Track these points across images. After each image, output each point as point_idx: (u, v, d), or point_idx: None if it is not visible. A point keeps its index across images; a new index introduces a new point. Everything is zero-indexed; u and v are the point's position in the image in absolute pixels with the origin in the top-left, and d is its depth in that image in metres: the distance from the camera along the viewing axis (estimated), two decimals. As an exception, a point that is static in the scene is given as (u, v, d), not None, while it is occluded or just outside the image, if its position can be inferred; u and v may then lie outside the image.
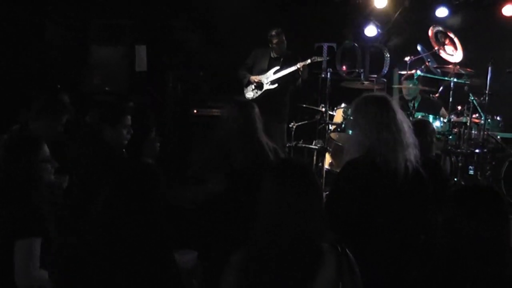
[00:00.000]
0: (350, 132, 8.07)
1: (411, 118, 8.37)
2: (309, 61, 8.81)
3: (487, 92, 8.09)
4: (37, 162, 3.81)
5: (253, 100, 8.93)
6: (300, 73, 8.84)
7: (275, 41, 9.04)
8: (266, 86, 9.04)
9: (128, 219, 2.83)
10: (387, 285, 3.77)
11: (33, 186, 3.71)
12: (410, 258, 3.88)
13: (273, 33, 9.03)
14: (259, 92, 9.08)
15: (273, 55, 9.14)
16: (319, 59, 8.96)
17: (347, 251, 2.89)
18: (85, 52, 9.63)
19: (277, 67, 8.99)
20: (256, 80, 9.09)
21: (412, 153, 3.96)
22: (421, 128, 5.53)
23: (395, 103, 4.09)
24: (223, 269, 2.95)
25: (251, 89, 9.19)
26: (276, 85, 8.98)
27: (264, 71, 9.13)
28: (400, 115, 4.03)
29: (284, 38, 9.08)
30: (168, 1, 10.74)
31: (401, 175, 3.87)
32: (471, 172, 8.47)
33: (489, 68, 7.98)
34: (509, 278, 2.60)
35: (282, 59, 9.07)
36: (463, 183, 7.91)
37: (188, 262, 3.84)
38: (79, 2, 9.83)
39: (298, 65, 8.78)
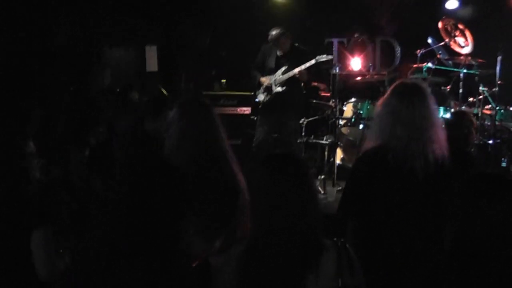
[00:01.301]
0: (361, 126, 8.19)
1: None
2: (307, 65, 8.64)
3: (498, 82, 8.01)
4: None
5: (265, 102, 8.99)
6: (298, 77, 8.78)
7: (278, 43, 8.92)
8: (275, 89, 9.01)
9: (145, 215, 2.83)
10: (402, 280, 3.74)
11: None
12: (430, 254, 3.84)
13: (274, 35, 8.88)
14: (269, 96, 9.07)
15: (279, 53, 9.02)
16: (323, 59, 8.67)
17: (348, 246, 2.88)
18: (97, 53, 9.66)
19: (285, 67, 8.89)
20: (266, 84, 9.07)
21: (435, 149, 3.84)
22: (456, 120, 5.52)
23: (424, 95, 3.94)
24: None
25: (262, 92, 9.19)
26: (284, 87, 8.91)
27: (272, 70, 9.07)
28: (426, 110, 3.88)
29: (286, 37, 8.92)
30: (177, 1, 10.76)
31: (419, 173, 3.78)
32: (504, 164, 8.36)
33: (498, 59, 7.92)
34: None
35: (289, 55, 8.97)
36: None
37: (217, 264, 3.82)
38: (89, 3, 9.87)
39: (296, 71, 8.70)
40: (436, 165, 3.81)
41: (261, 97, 9.20)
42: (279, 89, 8.97)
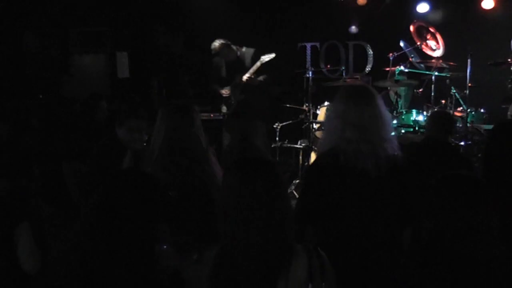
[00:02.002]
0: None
1: (395, 113, 8.40)
2: (254, 68, 8.81)
3: (468, 84, 8.07)
4: None
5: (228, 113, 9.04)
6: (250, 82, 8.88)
7: (221, 54, 9.11)
8: (235, 98, 9.13)
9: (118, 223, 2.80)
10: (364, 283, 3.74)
11: None
12: (391, 252, 3.86)
13: (214, 47, 9.06)
14: (231, 105, 9.17)
15: (227, 62, 9.20)
16: (267, 59, 8.82)
17: (320, 251, 2.85)
18: (66, 61, 9.58)
19: (237, 77, 9.01)
20: (225, 95, 9.21)
21: (386, 148, 3.84)
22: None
23: (371, 96, 3.96)
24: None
25: (224, 103, 9.32)
26: (242, 95, 9.04)
27: (225, 80, 9.24)
28: (375, 110, 3.89)
29: (227, 47, 9.06)
30: (148, 7, 10.73)
31: (371, 173, 3.78)
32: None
33: (469, 61, 7.98)
34: (497, 262, 2.60)
35: (237, 62, 9.12)
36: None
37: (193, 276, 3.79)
38: (57, 11, 9.80)
39: (243, 78, 8.87)
40: (388, 164, 3.82)
41: (224, 109, 9.31)
42: (238, 97, 9.09)
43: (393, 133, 4.07)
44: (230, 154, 8.62)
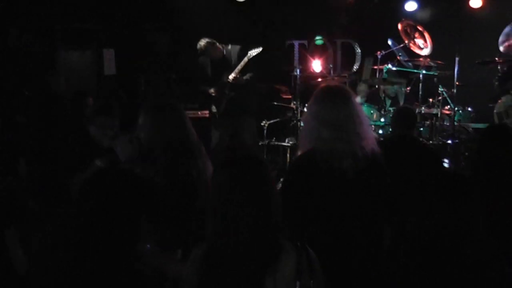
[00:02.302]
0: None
1: (383, 111, 8.40)
2: (242, 64, 8.85)
3: (456, 83, 8.08)
4: None
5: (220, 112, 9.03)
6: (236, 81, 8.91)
7: (207, 54, 9.13)
8: (224, 97, 9.13)
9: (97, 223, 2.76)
10: (349, 278, 3.73)
11: None
12: (372, 248, 3.85)
13: (201, 47, 9.08)
14: (222, 104, 9.17)
15: (212, 61, 9.22)
16: (254, 53, 8.84)
17: (309, 249, 2.84)
18: (52, 57, 9.53)
19: (226, 74, 9.02)
20: (214, 94, 9.20)
21: (363, 145, 3.85)
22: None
23: (346, 95, 3.95)
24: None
25: (214, 103, 9.30)
26: (232, 92, 9.07)
27: (211, 79, 9.24)
28: (350, 109, 3.89)
29: (213, 46, 9.08)
30: (135, 4, 10.69)
31: (349, 172, 3.80)
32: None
33: (456, 60, 8.00)
34: (485, 261, 2.59)
35: (223, 61, 9.14)
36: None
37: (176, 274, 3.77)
38: (44, 8, 9.74)
39: (230, 78, 8.90)
40: (366, 162, 3.83)
41: (213, 108, 9.31)
42: (227, 96, 9.10)
43: (371, 132, 4.06)
44: (219, 151, 8.68)
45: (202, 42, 9.03)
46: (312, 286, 2.75)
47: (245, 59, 8.80)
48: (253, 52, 8.82)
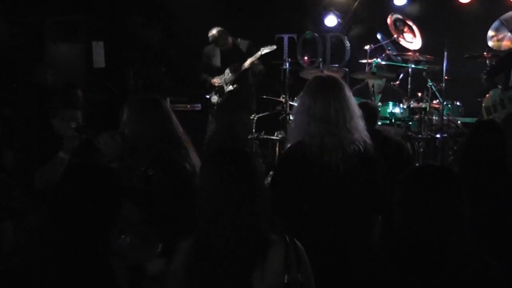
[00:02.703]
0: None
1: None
2: (259, 53, 8.88)
3: (444, 77, 8.10)
4: None
5: (220, 103, 9.00)
6: (251, 69, 8.97)
7: (219, 43, 9.16)
8: (227, 88, 9.16)
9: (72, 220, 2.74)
10: (338, 272, 3.73)
11: None
12: (361, 243, 3.86)
13: (213, 35, 9.08)
14: (222, 96, 9.18)
15: (223, 51, 9.25)
16: (267, 50, 8.89)
17: (297, 242, 2.85)
18: (41, 50, 9.48)
19: (232, 65, 9.09)
20: (216, 84, 9.17)
21: (354, 140, 3.86)
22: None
23: (339, 87, 3.94)
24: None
25: (214, 93, 9.30)
26: (235, 85, 9.11)
27: (219, 70, 9.26)
28: (341, 101, 3.88)
29: (226, 35, 9.11)
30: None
31: (339, 166, 3.79)
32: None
33: (445, 54, 8.00)
34: (470, 254, 2.60)
35: (233, 52, 9.18)
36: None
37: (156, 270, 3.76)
38: (33, 0, 9.70)
39: (246, 64, 8.90)
40: (357, 156, 3.83)
41: (214, 98, 9.30)
42: (230, 87, 9.11)
43: (363, 124, 4.03)
44: (212, 146, 8.68)
45: (214, 30, 9.05)
46: (300, 280, 2.76)
47: (258, 54, 8.84)
48: (266, 49, 8.86)
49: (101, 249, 2.77)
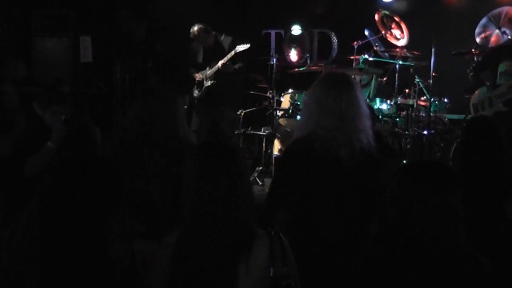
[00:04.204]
0: (298, 117, 8.21)
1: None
2: (228, 57, 8.90)
3: (432, 74, 8.11)
4: None
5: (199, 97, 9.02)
6: (223, 70, 8.99)
7: (199, 39, 9.22)
8: (206, 83, 9.23)
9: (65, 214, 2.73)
10: (335, 270, 3.73)
11: None
12: (360, 242, 3.86)
13: (193, 32, 9.12)
14: (201, 91, 9.23)
15: (204, 47, 9.31)
16: (241, 49, 8.88)
17: (282, 236, 2.85)
18: (27, 44, 9.43)
19: (213, 62, 9.13)
20: (197, 79, 9.29)
21: (361, 138, 3.87)
22: None
23: (351, 85, 3.97)
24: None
25: (196, 88, 9.40)
26: (213, 80, 9.16)
27: (201, 65, 9.35)
28: (353, 99, 3.90)
29: (206, 32, 9.12)
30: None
31: (344, 162, 3.80)
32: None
33: (433, 51, 8.01)
34: (462, 250, 2.60)
35: (215, 48, 9.20)
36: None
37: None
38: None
39: (219, 64, 8.95)
40: (363, 154, 3.85)
41: (195, 92, 9.40)
42: (208, 83, 9.19)
43: (370, 125, 4.04)
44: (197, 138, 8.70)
45: (195, 27, 9.08)
46: (285, 273, 2.76)
47: (232, 52, 8.85)
48: (240, 48, 8.85)
49: (101, 240, 2.76)
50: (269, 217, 3.90)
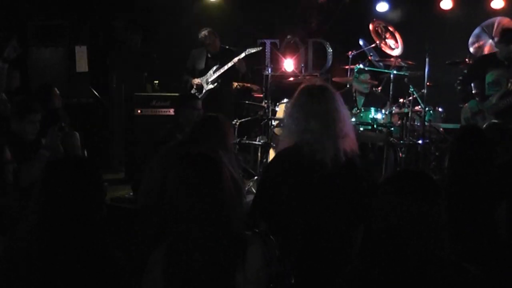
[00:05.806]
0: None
1: (354, 110, 8.43)
2: (243, 54, 9.05)
3: (426, 83, 8.14)
4: None
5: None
6: (237, 67, 9.09)
7: (207, 42, 9.33)
8: (206, 87, 9.27)
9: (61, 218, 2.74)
10: (320, 275, 3.75)
11: None
12: (344, 247, 3.88)
13: (203, 34, 9.27)
14: (200, 95, 9.19)
15: (209, 54, 9.40)
16: (253, 51, 9.09)
17: (270, 237, 2.87)
18: (24, 54, 9.41)
19: (216, 66, 9.24)
20: (196, 83, 9.30)
21: (346, 143, 3.91)
22: None
23: (331, 92, 4.01)
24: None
25: (194, 92, 9.32)
26: (216, 84, 9.21)
27: (203, 72, 9.40)
28: (336, 105, 3.94)
29: (215, 37, 9.31)
30: (108, 1, 10.67)
31: (329, 166, 3.81)
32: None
33: (427, 60, 8.04)
34: (447, 259, 2.62)
35: (218, 56, 9.30)
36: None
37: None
38: (16, 4, 9.66)
39: (234, 60, 9.04)
40: (345, 160, 3.87)
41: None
42: (210, 86, 9.26)
43: (353, 132, 4.08)
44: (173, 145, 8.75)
45: (204, 31, 9.24)
46: (280, 270, 2.80)
47: (243, 54, 9.03)
48: (252, 50, 9.10)
49: (99, 241, 2.79)
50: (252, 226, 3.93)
